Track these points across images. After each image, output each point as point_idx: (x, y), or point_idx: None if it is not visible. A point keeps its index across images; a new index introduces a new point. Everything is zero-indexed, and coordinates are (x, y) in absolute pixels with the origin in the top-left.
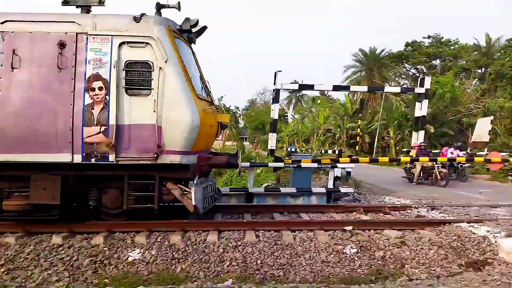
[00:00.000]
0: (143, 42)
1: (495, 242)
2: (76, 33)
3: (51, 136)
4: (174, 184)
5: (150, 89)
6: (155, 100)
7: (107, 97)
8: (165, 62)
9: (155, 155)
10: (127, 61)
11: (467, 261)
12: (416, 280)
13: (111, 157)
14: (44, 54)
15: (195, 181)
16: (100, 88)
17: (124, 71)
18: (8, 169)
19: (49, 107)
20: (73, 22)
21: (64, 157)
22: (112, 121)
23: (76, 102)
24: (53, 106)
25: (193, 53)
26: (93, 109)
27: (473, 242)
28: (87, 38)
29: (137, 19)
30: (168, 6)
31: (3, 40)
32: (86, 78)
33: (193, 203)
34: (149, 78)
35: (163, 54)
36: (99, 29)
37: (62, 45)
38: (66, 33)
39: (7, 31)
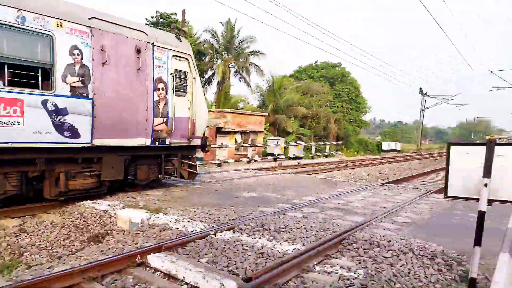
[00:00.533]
0: (183, 58)
1: (115, 214)
2: (147, 42)
3: (134, 124)
4: (176, 160)
5: (186, 92)
6: (189, 100)
7: (167, 96)
8: (196, 74)
9: (190, 139)
10: (175, 69)
11: (89, 236)
12: (36, 266)
13: (167, 141)
14: (126, 56)
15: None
16: (162, 89)
17: (173, 77)
18: (81, 152)
19: (133, 101)
20: (144, 32)
21: (141, 141)
22: (171, 114)
23: (148, 98)
24: (135, 100)
25: None
26: (159, 104)
27: (95, 217)
28: (153, 47)
29: (179, 39)
30: (184, 32)
31: (93, 35)
32: (154, 80)
33: (197, 172)
34: (186, 84)
35: (195, 68)
36: (160, 42)
37: (138, 50)
38: (139, 40)
39: (95, 28)
